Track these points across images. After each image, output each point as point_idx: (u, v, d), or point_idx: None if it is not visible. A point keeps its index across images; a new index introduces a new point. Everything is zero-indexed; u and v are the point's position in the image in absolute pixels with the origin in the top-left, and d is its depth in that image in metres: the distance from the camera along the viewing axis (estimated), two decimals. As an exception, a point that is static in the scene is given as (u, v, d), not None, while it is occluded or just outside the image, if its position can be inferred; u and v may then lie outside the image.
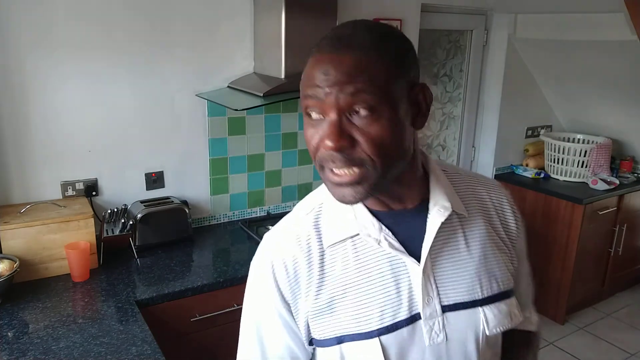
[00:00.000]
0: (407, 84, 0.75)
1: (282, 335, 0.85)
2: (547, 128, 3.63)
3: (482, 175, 0.98)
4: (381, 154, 0.72)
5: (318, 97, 0.71)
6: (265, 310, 0.85)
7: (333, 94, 0.70)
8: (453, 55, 3.26)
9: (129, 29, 2.03)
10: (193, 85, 2.22)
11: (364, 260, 0.82)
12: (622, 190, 3.16)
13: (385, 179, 0.75)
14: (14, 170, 1.95)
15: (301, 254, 0.83)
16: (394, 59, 0.73)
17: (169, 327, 1.78)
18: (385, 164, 0.73)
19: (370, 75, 0.70)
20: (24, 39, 1.85)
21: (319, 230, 0.84)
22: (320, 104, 0.71)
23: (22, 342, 1.46)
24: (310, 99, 0.72)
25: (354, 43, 0.72)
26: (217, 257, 2.09)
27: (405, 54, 0.75)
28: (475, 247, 0.85)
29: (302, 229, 0.85)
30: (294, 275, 0.82)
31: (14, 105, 1.89)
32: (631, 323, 3.21)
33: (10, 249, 1.76)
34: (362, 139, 0.71)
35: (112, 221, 2.02)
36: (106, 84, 2.04)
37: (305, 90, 0.73)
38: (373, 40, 0.73)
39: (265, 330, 0.86)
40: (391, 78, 0.72)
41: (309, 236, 0.84)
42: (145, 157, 2.20)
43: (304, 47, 2.10)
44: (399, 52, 0.75)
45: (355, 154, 0.71)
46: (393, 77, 0.72)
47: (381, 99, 0.70)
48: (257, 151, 2.47)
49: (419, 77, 0.79)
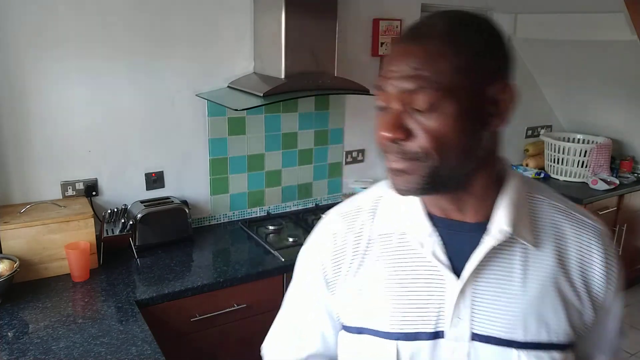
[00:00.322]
0: (485, 80, 0.69)
1: (317, 305, 0.89)
2: (547, 128, 3.63)
3: (584, 212, 0.83)
4: (438, 151, 0.68)
5: (383, 88, 0.71)
6: (308, 276, 0.90)
7: (395, 87, 0.69)
8: (453, 55, 3.26)
9: (129, 29, 2.03)
10: (193, 85, 2.22)
11: (404, 259, 0.79)
12: (622, 190, 3.16)
13: (441, 177, 0.71)
14: (14, 170, 1.95)
15: (352, 235, 0.84)
16: (471, 51, 0.69)
17: (169, 327, 1.78)
18: (441, 162, 0.69)
19: (436, 69, 0.67)
20: (24, 39, 1.85)
21: (372, 219, 0.84)
22: (385, 95, 0.71)
23: (22, 342, 1.46)
24: (378, 88, 0.73)
25: (426, 33, 0.70)
26: (217, 257, 2.09)
27: (486, 46, 0.70)
28: (532, 284, 0.75)
29: (359, 214, 0.86)
30: (341, 251, 0.84)
31: (14, 105, 1.89)
32: (631, 323, 3.21)
33: (10, 249, 1.76)
34: (420, 133, 0.69)
35: (112, 221, 2.02)
36: (106, 84, 2.04)
37: (377, 79, 0.73)
38: (449, 31, 0.69)
39: (302, 296, 0.92)
40: (462, 72, 0.68)
41: (363, 222, 0.84)
42: (145, 157, 2.20)
43: (304, 47, 2.10)
44: (478, 43, 0.70)
45: (409, 147, 0.69)
46: (465, 71, 0.68)
47: (444, 95, 0.67)
48: (257, 151, 2.47)
49: (506, 73, 0.73)
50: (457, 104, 0.67)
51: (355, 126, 2.74)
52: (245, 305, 1.93)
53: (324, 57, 2.16)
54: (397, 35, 2.69)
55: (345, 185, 2.78)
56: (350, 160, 2.78)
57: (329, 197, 2.75)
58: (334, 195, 2.76)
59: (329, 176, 2.73)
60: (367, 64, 2.68)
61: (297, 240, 2.20)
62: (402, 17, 2.72)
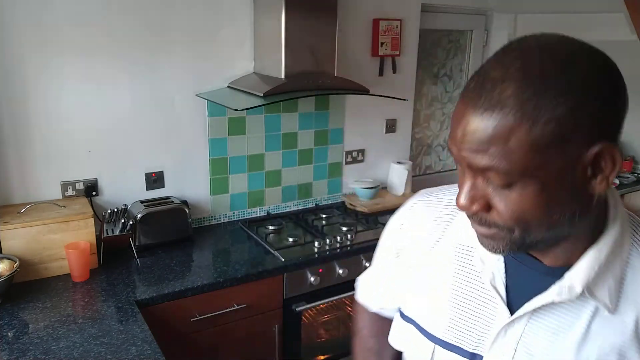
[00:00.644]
0: (581, 147, 0.57)
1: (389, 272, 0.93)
2: (547, 128, 3.63)
3: None
4: (521, 226, 0.61)
5: (453, 149, 0.63)
6: (388, 241, 0.93)
7: (465, 157, 0.60)
8: (453, 55, 3.26)
9: (129, 28, 2.03)
10: (193, 85, 2.22)
11: (468, 270, 0.76)
12: (622, 190, 3.16)
13: (529, 244, 0.64)
14: (14, 170, 1.95)
15: (435, 223, 0.83)
16: (561, 119, 0.55)
17: (169, 327, 1.78)
18: (527, 234, 0.62)
19: (509, 149, 0.56)
20: (24, 40, 1.85)
21: (453, 221, 0.81)
22: (457, 157, 0.63)
23: (22, 342, 1.46)
24: (449, 148, 0.65)
25: (494, 99, 0.56)
26: (217, 257, 2.09)
27: (581, 101, 0.55)
28: (590, 349, 0.67)
29: (449, 207, 0.82)
30: (419, 229, 0.85)
31: (14, 105, 1.89)
32: (631, 323, 3.21)
33: (10, 249, 1.76)
34: (498, 207, 0.61)
35: (112, 221, 2.02)
36: (106, 83, 2.04)
37: (448, 139, 0.65)
38: (523, 93, 0.55)
39: (382, 255, 0.96)
40: (542, 149, 0.55)
41: (449, 216, 0.82)
42: (145, 157, 2.20)
43: (304, 47, 2.10)
44: (568, 101, 0.55)
45: (491, 218, 0.63)
46: (546, 147, 0.55)
47: (524, 174, 0.57)
48: (257, 151, 2.47)
49: (616, 129, 0.60)
50: (543, 181, 0.57)
51: (355, 126, 2.74)
52: (245, 305, 1.93)
53: (324, 57, 2.16)
54: (397, 35, 2.69)
55: (345, 185, 2.78)
56: (350, 160, 2.78)
57: (329, 197, 2.75)
58: (334, 195, 2.76)
59: (329, 176, 2.73)
60: (367, 64, 2.68)
61: (297, 240, 2.20)
62: (402, 17, 2.72)
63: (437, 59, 3.20)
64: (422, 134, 3.28)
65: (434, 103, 3.26)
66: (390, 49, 2.70)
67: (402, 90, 2.81)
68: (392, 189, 2.84)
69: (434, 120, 3.30)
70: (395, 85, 2.80)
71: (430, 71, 3.18)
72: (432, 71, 3.19)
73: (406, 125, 2.96)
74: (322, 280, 2.08)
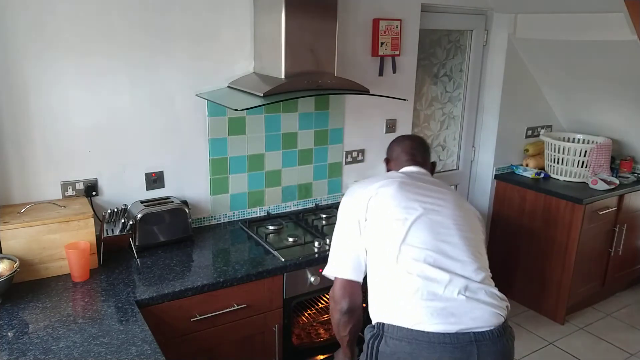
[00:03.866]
0: None
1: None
2: (547, 128, 3.63)
3: None
4: None
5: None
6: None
7: None
8: (453, 55, 3.26)
9: (129, 28, 2.03)
10: (193, 85, 2.22)
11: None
12: (622, 190, 3.16)
13: None
14: (14, 170, 1.95)
15: (371, 182, 1.67)
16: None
17: (169, 327, 1.78)
18: None
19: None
20: (24, 40, 1.85)
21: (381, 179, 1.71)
22: None
23: (22, 342, 1.46)
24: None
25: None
26: (217, 257, 2.09)
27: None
28: None
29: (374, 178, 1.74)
30: (361, 190, 1.65)
31: (14, 105, 1.89)
32: (631, 323, 3.21)
33: (10, 249, 1.76)
34: None
35: (112, 221, 2.02)
36: (106, 83, 2.04)
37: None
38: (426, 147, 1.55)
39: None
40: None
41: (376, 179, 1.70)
42: (145, 157, 2.20)
43: (304, 47, 2.10)
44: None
45: None
46: None
47: None
48: (257, 151, 2.47)
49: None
50: None
51: (355, 126, 2.74)
52: (245, 305, 1.93)
53: (324, 57, 2.16)
54: (397, 35, 2.69)
55: (345, 186, 2.78)
56: (350, 160, 2.79)
57: (329, 197, 2.75)
58: (334, 195, 2.76)
59: (329, 176, 2.73)
60: (367, 64, 2.68)
61: (297, 240, 2.20)
62: (402, 17, 2.72)
63: (437, 59, 3.21)
64: (422, 134, 3.28)
65: (434, 103, 3.26)
66: (390, 49, 2.70)
67: (402, 90, 2.81)
68: (392, 189, 2.83)
69: (434, 120, 3.30)
70: (395, 85, 2.80)
71: (430, 71, 3.18)
72: (432, 71, 3.19)
73: (406, 125, 2.96)
74: (322, 280, 2.08)
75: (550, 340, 3.03)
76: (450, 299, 1.37)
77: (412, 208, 1.49)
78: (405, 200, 1.51)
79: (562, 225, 3.08)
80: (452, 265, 1.42)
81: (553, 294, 3.20)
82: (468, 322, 1.35)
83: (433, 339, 1.33)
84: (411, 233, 1.45)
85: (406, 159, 1.74)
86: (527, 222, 3.25)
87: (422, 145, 1.80)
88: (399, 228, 1.46)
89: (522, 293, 3.39)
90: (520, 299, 3.41)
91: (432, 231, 1.46)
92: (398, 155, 1.77)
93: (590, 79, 3.15)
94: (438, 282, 1.39)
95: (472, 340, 1.33)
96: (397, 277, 1.42)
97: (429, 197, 1.55)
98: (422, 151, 1.78)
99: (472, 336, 1.34)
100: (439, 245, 1.44)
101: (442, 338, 1.33)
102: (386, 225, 1.49)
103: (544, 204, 3.15)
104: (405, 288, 1.40)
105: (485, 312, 1.38)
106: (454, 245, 1.46)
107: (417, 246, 1.43)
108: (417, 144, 1.79)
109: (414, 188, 1.56)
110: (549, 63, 3.24)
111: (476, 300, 1.38)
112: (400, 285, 1.41)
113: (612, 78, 3.02)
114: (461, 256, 1.44)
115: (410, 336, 1.35)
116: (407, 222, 1.46)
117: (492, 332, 1.36)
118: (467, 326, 1.34)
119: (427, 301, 1.36)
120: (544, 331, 3.12)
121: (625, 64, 2.86)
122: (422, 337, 1.33)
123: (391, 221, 1.48)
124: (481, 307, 1.38)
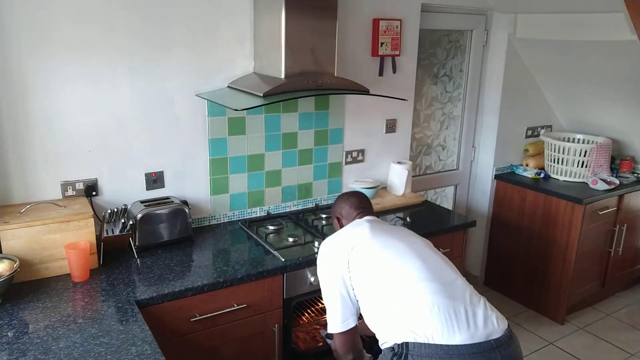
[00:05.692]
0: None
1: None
2: (547, 128, 3.63)
3: None
4: None
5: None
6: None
7: None
8: (453, 55, 3.26)
9: (128, 28, 2.03)
10: (193, 85, 2.22)
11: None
12: (622, 190, 3.16)
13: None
14: (14, 170, 1.95)
15: (345, 236, 1.75)
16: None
17: (169, 327, 1.78)
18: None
19: None
20: (24, 40, 1.85)
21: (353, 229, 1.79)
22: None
23: (22, 342, 1.46)
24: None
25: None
26: (217, 257, 2.09)
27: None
28: None
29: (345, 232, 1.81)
30: (338, 244, 1.73)
31: (14, 105, 1.89)
32: (631, 323, 3.21)
33: (10, 249, 1.76)
34: None
35: (112, 221, 2.02)
36: (106, 83, 2.04)
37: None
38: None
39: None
40: None
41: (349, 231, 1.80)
42: (145, 157, 2.20)
43: (304, 47, 2.10)
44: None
45: None
46: None
47: None
48: (257, 151, 2.47)
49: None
50: None
51: (355, 126, 2.74)
52: (245, 305, 1.93)
53: (324, 57, 2.16)
54: (397, 35, 2.69)
55: (345, 185, 2.78)
56: (350, 160, 2.79)
57: (329, 197, 2.75)
58: (334, 195, 2.76)
59: (329, 176, 2.74)
60: (367, 64, 2.69)
61: (297, 240, 2.20)
62: (402, 17, 2.72)
63: (437, 59, 3.21)
64: (422, 134, 3.28)
65: (434, 103, 3.26)
66: (390, 49, 2.70)
67: (402, 90, 2.81)
68: (392, 189, 2.84)
69: (433, 120, 3.31)
70: (395, 85, 2.80)
71: (430, 71, 3.19)
72: (432, 71, 3.19)
73: (406, 125, 2.96)
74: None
75: (550, 340, 3.03)
76: (464, 311, 1.44)
77: (393, 240, 1.64)
78: (383, 235, 1.66)
79: (562, 225, 3.08)
80: (449, 281, 1.53)
81: (553, 294, 3.20)
82: (486, 330, 1.43)
83: (463, 351, 1.38)
84: (401, 259, 1.57)
85: (357, 213, 1.84)
86: (527, 222, 3.25)
87: (366, 199, 1.92)
88: (390, 257, 1.59)
89: (522, 293, 3.40)
90: (520, 299, 3.41)
91: (416, 253, 1.59)
92: (348, 212, 1.86)
93: (590, 79, 3.15)
94: (447, 297, 1.46)
95: (494, 348, 1.41)
96: (410, 297, 1.49)
97: (400, 232, 1.74)
98: (368, 204, 1.90)
99: (493, 343, 1.41)
100: (429, 266, 1.55)
101: (471, 349, 1.38)
102: (378, 260, 1.59)
103: (544, 204, 3.15)
104: (420, 304, 1.46)
105: (493, 319, 1.47)
106: (440, 265, 1.59)
107: (414, 268, 1.53)
108: (361, 198, 1.91)
109: (383, 226, 1.74)
110: (549, 63, 3.24)
111: (482, 309, 1.47)
112: (417, 303, 1.47)
113: (612, 78, 3.02)
114: (449, 274, 1.56)
115: (441, 351, 1.39)
116: (395, 250, 1.60)
117: (505, 336, 1.45)
118: (487, 334, 1.42)
119: (445, 314, 1.43)
120: (543, 331, 3.12)
121: (625, 64, 2.85)
122: (452, 351, 1.38)
123: (380, 256, 1.59)
124: (488, 315, 1.47)
